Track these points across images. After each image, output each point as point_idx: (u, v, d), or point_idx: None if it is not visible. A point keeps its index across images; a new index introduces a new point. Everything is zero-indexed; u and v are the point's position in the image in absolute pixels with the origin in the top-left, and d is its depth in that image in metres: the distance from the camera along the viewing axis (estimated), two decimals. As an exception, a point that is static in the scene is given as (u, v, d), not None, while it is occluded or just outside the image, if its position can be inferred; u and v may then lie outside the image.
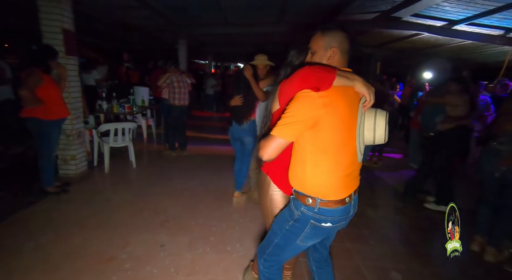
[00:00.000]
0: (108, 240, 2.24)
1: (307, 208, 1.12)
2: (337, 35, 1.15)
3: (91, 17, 6.88)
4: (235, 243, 2.29)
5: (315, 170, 1.09)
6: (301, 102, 1.03)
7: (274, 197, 1.38)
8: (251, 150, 2.84)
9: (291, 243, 1.21)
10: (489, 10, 5.39)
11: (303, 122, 1.02)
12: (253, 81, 2.57)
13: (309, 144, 1.08)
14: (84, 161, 3.56)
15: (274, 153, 1.05)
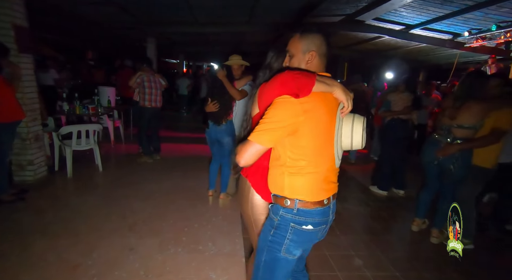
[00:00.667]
0: (71, 247, 2.14)
1: (285, 210, 1.09)
2: (315, 38, 1.12)
3: (50, 13, 6.42)
4: (207, 242, 2.31)
5: (294, 174, 1.07)
6: (281, 108, 1.01)
7: (255, 202, 1.30)
8: (229, 151, 2.84)
9: (278, 257, 1.11)
10: (439, 17, 5.92)
11: (283, 129, 1.00)
12: (227, 82, 2.56)
13: (288, 150, 1.06)
14: (44, 166, 3.33)
15: (251, 159, 1.02)
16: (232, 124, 2.77)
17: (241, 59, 2.75)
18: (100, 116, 4.91)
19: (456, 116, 2.25)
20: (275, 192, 1.12)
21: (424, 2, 5.26)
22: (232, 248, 2.25)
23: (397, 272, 2.06)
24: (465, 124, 2.22)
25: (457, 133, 2.27)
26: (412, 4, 5.35)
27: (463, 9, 5.30)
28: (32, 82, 3.09)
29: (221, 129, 2.71)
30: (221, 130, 2.72)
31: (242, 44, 11.01)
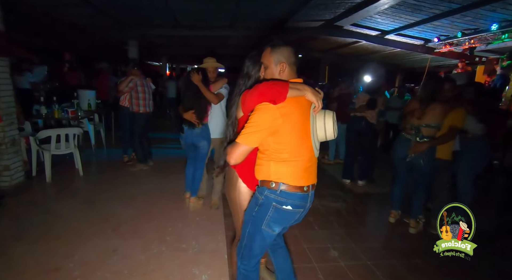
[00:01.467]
0: (51, 250, 2.12)
1: (270, 191, 1.28)
2: (284, 50, 1.31)
3: (25, 14, 6.22)
4: (191, 241, 2.36)
5: (279, 163, 1.27)
6: (262, 113, 1.20)
7: (242, 190, 1.50)
8: (204, 154, 2.80)
9: (259, 229, 1.33)
10: (410, 23, 6.30)
11: (265, 131, 1.20)
12: (202, 86, 2.54)
13: (272, 145, 1.25)
14: (21, 171, 3.25)
15: (240, 158, 1.22)
16: (208, 128, 2.75)
17: (215, 61, 2.74)
18: (80, 120, 4.82)
19: (423, 117, 2.49)
20: (262, 178, 1.32)
21: (397, 10, 5.59)
22: (215, 245, 2.32)
23: (369, 261, 2.21)
24: (431, 123, 2.47)
25: (424, 132, 2.51)
26: (385, 11, 5.68)
27: (432, 17, 5.69)
28: (8, 85, 3.02)
29: (196, 133, 2.68)
30: (197, 134, 2.69)
31: (225, 47, 11.10)
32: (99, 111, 5.32)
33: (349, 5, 5.62)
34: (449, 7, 5.01)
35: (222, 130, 2.83)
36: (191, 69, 2.65)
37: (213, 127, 2.78)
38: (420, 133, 2.52)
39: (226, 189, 1.59)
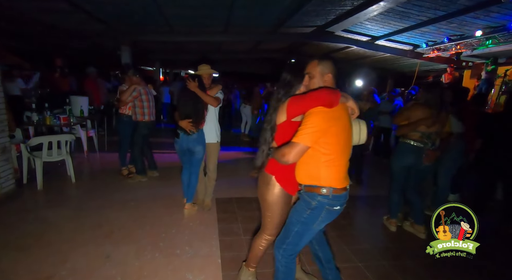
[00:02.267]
0: (42, 258, 2.11)
1: (322, 196, 1.43)
2: (329, 63, 1.50)
3: (16, 20, 6.19)
4: (184, 246, 2.37)
5: (327, 167, 1.41)
6: (318, 116, 1.34)
7: (277, 193, 1.61)
8: (200, 160, 2.84)
9: (309, 228, 1.50)
10: (399, 29, 6.47)
11: (320, 131, 1.34)
12: (200, 92, 2.59)
13: (322, 147, 1.38)
14: (11, 179, 3.21)
15: (298, 157, 1.35)
16: (203, 133, 2.78)
17: (210, 68, 2.79)
18: (73, 127, 4.79)
19: (435, 125, 2.50)
20: (310, 182, 1.46)
21: (386, 17, 5.76)
22: (208, 250, 2.33)
23: (360, 262, 2.25)
24: (438, 131, 2.55)
25: (435, 140, 2.57)
26: (375, 18, 5.83)
27: (419, 23, 5.87)
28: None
29: (192, 138, 2.70)
30: (193, 140, 2.71)
31: (218, 52, 11.17)
32: (92, 118, 5.29)
33: (340, 11, 5.76)
34: (435, 14, 5.19)
35: (216, 135, 2.89)
36: (187, 78, 2.66)
37: (207, 132, 2.82)
38: (431, 141, 2.54)
39: (260, 192, 1.68)
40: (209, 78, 2.81)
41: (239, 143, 6.97)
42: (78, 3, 5.10)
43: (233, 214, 3.01)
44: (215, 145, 2.92)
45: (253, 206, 3.23)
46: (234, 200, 3.38)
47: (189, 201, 2.95)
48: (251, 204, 3.29)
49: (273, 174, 1.61)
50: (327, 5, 5.35)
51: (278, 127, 1.55)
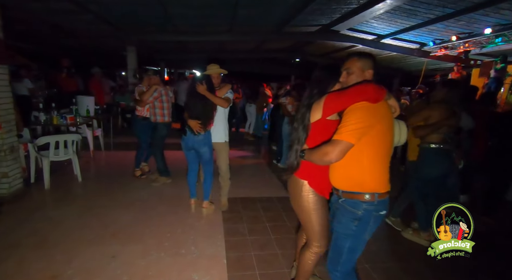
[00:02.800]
0: (49, 257, 2.12)
1: (367, 204, 1.32)
2: (370, 60, 1.44)
3: (24, 21, 6.27)
4: (190, 246, 2.36)
5: (371, 170, 1.30)
6: (364, 111, 1.25)
7: (311, 198, 1.53)
8: (209, 159, 2.82)
9: (361, 239, 1.39)
10: (406, 28, 6.39)
11: (366, 128, 1.23)
12: (209, 95, 2.57)
13: (366, 147, 1.28)
14: (19, 178, 3.24)
15: (341, 156, 1.24)
16: (209, 134, 2.76)
17: (219, 67, 2.76)
18: (79, 126, 4.83)
19: (456, 124, 2.40)
20: (352, 188, 1.35)
21: (392, 15, 5.68)
22: (214, 250, 2.32)
23: (366, 264, 2.22)
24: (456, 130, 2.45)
25: (457, 140, 2.46)
26: (381, 16, 5.76)
27: (427, 21, 5.78)
28: (7, 93, 3.03)
29: (198, 138, 2.69)
30: (199, 140, 2.70)
31: (222, 52, 11.18)
32: (98, 118, 5.34)
33: (345, 10, 5.70)
34: (443, 12, 5.10)
35: (224, 134, 2.87)
36: (197, 81, 2.62)
37: (215, 132, 2.81)
38: (455, 142, 2.40)
39: (293, 200, 1.60)
40: (218, 77, 2.79)
41: (243, 142, 6.96)
42: (85, 4, 5.14)
43: (238, 214, 3.00)
44: (223, 145, 2.89)
45: (257, 206, 3.21)
46: (238, 200, 3.37)
47: (206, 198, 2.97)
48: (255, 204, 3.27)
49: (305, 179, 1.53)
50: (332, 4, 5.30)
51: (312, 126, 1.47)
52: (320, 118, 1.43)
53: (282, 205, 3.27)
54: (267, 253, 2.31)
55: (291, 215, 3.01)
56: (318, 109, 1.42)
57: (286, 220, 2.90)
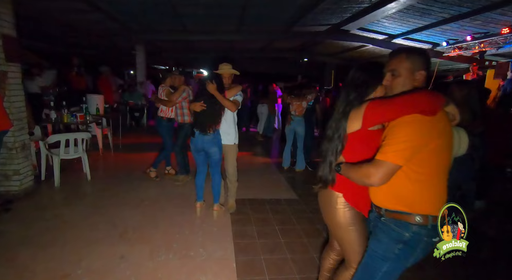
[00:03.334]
0: (59, 256, 2.12)
1: (419, 227, 1.10)
2: (422, 57, 1.17)
3: (37, 20, 6.36)
4: (198, 248, 2.33)
5: (423, 188, 1.08)
6: (416, 127, 1.02)
7: (347, 214, 1.36)
8: (218, 161, 2.76)
9: (402, 265, 1.17)
10: (418, 27, 6.25)
11: (418, 147, 1.02)
12: (219, 95, 2.50)
13: (416, 165, 1.06)
14: (30, 175, 3.27)
15: (387, 179, 1.05)
16: (219, 134, 2.72)
17: (231, 68, 2.69)
18: (89, 124, 4.87)
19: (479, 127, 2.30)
20: (398, 208, 1.13)
21: (405, 14, 5.56)
22: (223, 253, 2.29)
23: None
24: None
25: None
26: (393, 15, 5.64)
27: (441, 21, 5.64)
28: (19, 91, 3.06)
29: (208, 139, 2.63)
30: (208, 140, 2.64)
31: (231, 51, 11.16)
32: (107, 116, 5.37)
33: (356, 9, 5.61)
34: (459, 11, 4.97)
35: (233, 136, 2.80)
36: (206, 79, 2.57)
37: (224, 134, 2.75)
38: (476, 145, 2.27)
39: (327, 215, 1.44)
40: (230, 78, 2.71)
41: (253, 142, 6.92)
42: (95, 3, 5.17)
43: (246, 216, 2.96)
44: (232, 147, 2.83)
45: (266, 208, 3.17)
46: (247, 201, 3.33)
47: (216, 201, 2.92)
48: (264, 206, 3.23)
49: (341, 192, 1.35)
50: (343, 3, 5.22)
51: (349, 136, 1.27)
52: (359, 128, 1.23)
53: (291, 207, 3.22)
54: (277, 257, 2.26)
55: (300, 217, 2.96)
56: (357, 118, 1.22)
57: (295, 223, 2.85)
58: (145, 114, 8.06)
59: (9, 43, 2.83)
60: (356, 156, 1.26)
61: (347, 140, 1.28)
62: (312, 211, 3.13)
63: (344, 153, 1.31)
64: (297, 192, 3.71)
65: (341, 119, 1.29)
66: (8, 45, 2.82)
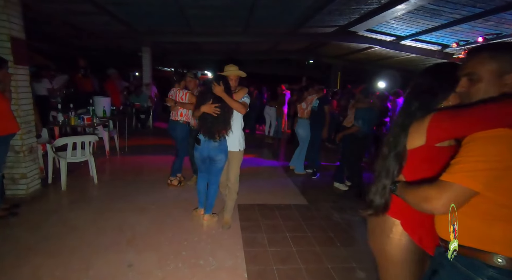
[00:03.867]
0: (66, 264, 2.07)
1: (498, 271, 0.83)
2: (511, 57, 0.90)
3: (43, 22, 6.39)
4: (208, 256, 2.27)
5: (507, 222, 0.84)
6: (502, 144, 0.80)
7: (404, 246, 1.12)
8: (220, 169, 2.60)
9: None
10: (428, 29, 6.13)
11: (502, 170, 0.80)
12: (227, 97, 2.35)
13: (499, 194, 0.83)
14: (37, 179, 3.24)
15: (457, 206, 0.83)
16: (226, 141, 2.56)
17: (237, 69, 2.55)
18: (95, 127, 4.85)
19: None
20: (473, 244, 0.89)
21: (414, 15, 5.45)
22: (233, 262, 2.22)
23: None
24: None
25: None
26: (402, 16, 5.54)
27: (451, 22, 5.52)
28: (27, 94, 3.03)
29: (215, 145, 2.46)
30: (215, 147, 2.46)
31: (236, 53, 11.14)
32: (114, 118, 5.35)
33: (365, 10, 5.52)
34: (471, 11, 4.84)
35: (239, 142, 2.65)
36: (212, 80, 2.42)
37: (231, 140, 2.60)
38: None
39: (374, 239, 1.23)
40: (236, 80, 2.57)
41: (261, 145, 6.85)
42: (102, 5, 5.17)
43: (256, 222, 2.89)
44: (237, 154, 2.64)
45: (275, 214, 3.09)
46: (256, 207, 3.25)
47: (208, 212, 2.72)
48: (273, 212, 3.15)
49: (398, 218, 1.13)
50: (352, 4, 5.13)
51: (410, 154, 1.08)
52: (423, 144, 1.03)
53: (301, 213, 3.14)
54: (290, 267, 2.18)
55: (311, 224, 2.88)
56: (420, 132, 1.03)
57: (306, 230, 2.76)
58: (150, 116, 8.06)
59: (18, 46, 2.81)
60: (419, 173, 1.07)
61: (408, 157, 1.09)
62: (323, 218, 3.05)
63: (404, 173, 1.11)
64: (306, 197, 3.63)
65: (400, 134, 1.09)
66: (17, 48, 2.79)
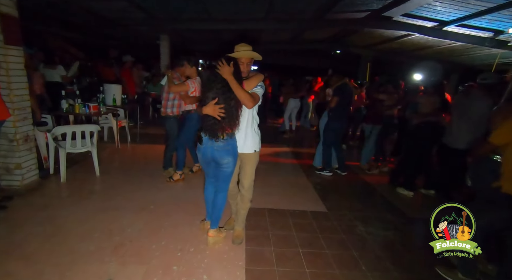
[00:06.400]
0: (35, 274, 1.79)
1: None
2: None
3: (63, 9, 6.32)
4: (202, 275, 1.89)
5: None
6: None
7: None
8: (229, 175, 2.07)
9: None
10: (480, 11, 5.22)
11: None
12: (234, 82, 1.82)
13: None
14: (34, 169, 3.04)
15: None
16: (234, 140, 2.01)
17: (251, 50, 2.00)
18: (106, 116, 4.66)
19: None
20: None
21: (465, -6, 4.61)
22: (231, 285, 1.83)
23: None
24: None
25: None
26: (450, -4, 4.72)
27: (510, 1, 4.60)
28: (21, 77, 2.80)
29: (219, 146, 1.95)
30: (219, 148, 1.95)
31: (258, 43, 10.61)
32: (124, 107, 5.14)
33: (404, -10, 4.77)
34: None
35: (253, 142, 2.11)
36: (219, 59, 1.88)
37: (240, 138, 2.07)
38: None
39: None
40: (249, 64, 2.02)
41: (277, 138, 6.37)
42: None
43: (264, 232, 2.47)
44: (251, 156, 2.13)
45: (288, 222, 2.65)
46: (266, 212, 2.83)
47: (213, 226, 2.19)
48: (286, 219, 2.72)
49: None
50: (389, -18, 4.42)
51: None
52: None
53: (318, 223, 2.67)
54: (300, 298, 1.75)
55: (330, 239, 2.41)
56: None
57: (324, 246, 2.30)
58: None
59: (9, 23, 2.56)
60: None
61: None
62: (345, 231, 2.55)
63: None
64: (326, 203, 3.14)
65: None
66: (7, 25, 2.54)
